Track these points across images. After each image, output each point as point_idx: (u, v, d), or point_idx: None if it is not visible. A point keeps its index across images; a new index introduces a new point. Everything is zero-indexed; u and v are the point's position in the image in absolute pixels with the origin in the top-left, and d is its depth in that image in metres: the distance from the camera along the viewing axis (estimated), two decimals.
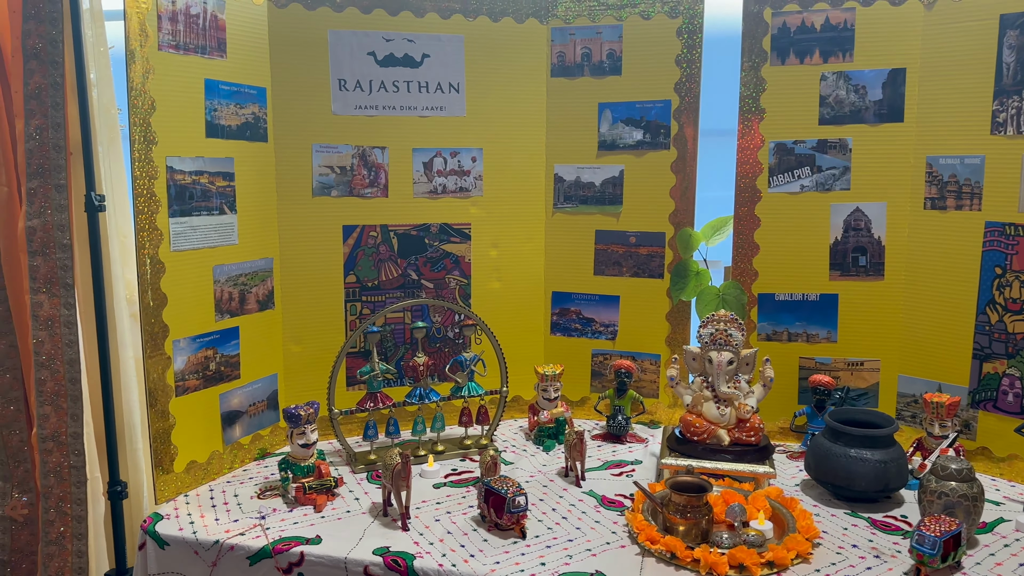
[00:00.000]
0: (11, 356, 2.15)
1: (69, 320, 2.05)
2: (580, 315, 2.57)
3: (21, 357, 2.13)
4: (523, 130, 2.49)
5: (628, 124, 2.44)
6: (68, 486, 2.08)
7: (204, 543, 1.82)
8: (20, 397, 2.15)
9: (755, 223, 2.36)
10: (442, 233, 2.47)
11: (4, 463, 2.17)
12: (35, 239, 2.01)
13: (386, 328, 2.45)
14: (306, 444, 2.03)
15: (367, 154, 2.36)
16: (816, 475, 2.03)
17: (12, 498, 2.17)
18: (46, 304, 2.04)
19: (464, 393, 2.31)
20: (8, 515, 2.17)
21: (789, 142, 2.32)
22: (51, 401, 2.06)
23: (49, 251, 2.02)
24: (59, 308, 2.04)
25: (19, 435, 2.16)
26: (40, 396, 2.05)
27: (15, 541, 2.19)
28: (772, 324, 2.39)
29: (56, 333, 2.05)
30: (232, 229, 2.16)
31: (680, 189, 2.42)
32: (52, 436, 2.06)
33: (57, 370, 2.06)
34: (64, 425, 2.07)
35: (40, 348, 2.04)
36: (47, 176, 1.99)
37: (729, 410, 2.10)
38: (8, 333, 2.15)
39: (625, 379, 2.42)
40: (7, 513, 2.17)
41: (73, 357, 2.07)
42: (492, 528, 1.86)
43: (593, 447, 2.37)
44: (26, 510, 2.17)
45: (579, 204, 2.52)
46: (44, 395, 2.05)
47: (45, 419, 2.06)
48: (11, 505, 2.17)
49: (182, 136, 2.01)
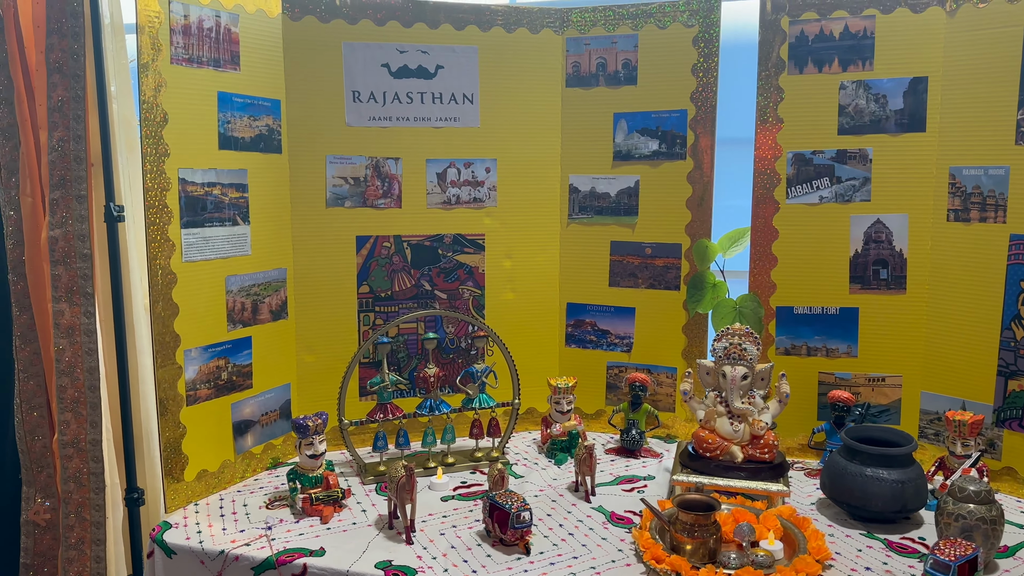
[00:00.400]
0: (35, 363, 2.18)
1: (89, 328, 2.08)
2: (595, 327, 2.54)
3: (44, 364, 2.17)
4: (538, 140, 2.48)
5: (644, 134, 2.41)
6: (87, 492, 2.11)
7: (210, 553, 1.83)
8: (43, 403, 2.19)
9: (773, 235, 2.32)
10: (456, 244, 2.46)
11: (28, 468, 2.20)
12: (57, 249, 2.04)
13: (399, 339, 2.45)
14: (314, 455, 2.03)
15: (381, 165, 2.37)
16: (831, 494, 1.98)
17: (35, 503, 2.20)
18: (67, 313, 2.07)
19: (475, 405, 2.29)
20: (31, 519, 2.20)
21: (807, 152, 2.27)
22: (71, 408, 2.09)
23: (70, 260, 2.05)
24: (79, 317, 2.07)
25: (42, 441, 2.19)
26: (61, 403, 2.08)
27: (38, 545, 2.22)
28: (791, 338, 2.34)
29: (76, 341, 2.08)
30: (245, 240, 2.18)
31: (696, 200, 2.39)
32: (72, 442, 2.09)
33: (77, 377, 2.09)
34: (84, 432, 2.10)
35: (61, 356, 2.07)
36: (68, 187, 2.03)
37: (743, 426, 2.06)
38: (32, 341, 2.18)
39: (640, 392, 2.38)
40: (30, 517, 2.20)
41: (93, 365, 2.10)
42: (496, 543, 1.84)
43: (606, 461, 2.34)
44: (48, 515, 2.20)
45: (594, 215, 2.50)
46: (65, 402, 2.09)
47: (66, 425, 2.09)
48: (34, 510, 2.20)
49: (195, 148, 2.03)
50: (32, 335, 2.18)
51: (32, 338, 2.18)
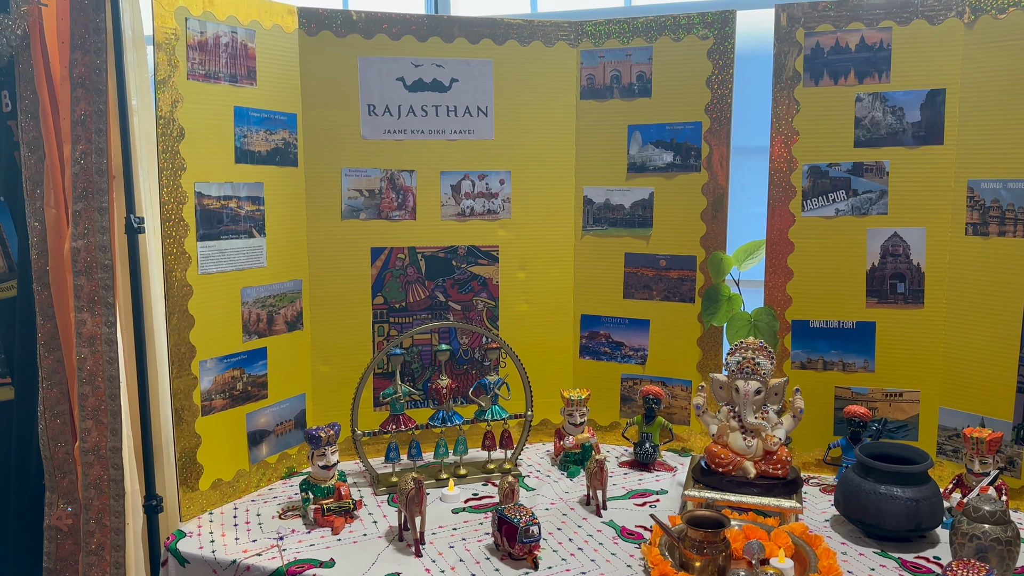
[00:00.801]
0: (58, 371, 2.22)
1: (110, 338, 2.11)
2: (609, 339, 2.54)
3: (67, 372, 2.20)
4: (552, 152, 2.48)
5: (658, 146, 2.41)
6: (107, 499, 2.14)
7: (222, 562, 1.85)
8: (66, 411, 2.22)
9: (788, 247, 2.30)
10: (470, 255, 2.47)
11: (51, 474, 2.23)
12: (79, 259, 2.08)
13: (413, 349, 2.46)
14: (326, 466, 2.05)
15: (395, 177, 2.38)
16: (845, 511, 1.96)
17: (58, 508, 2.23)
18: (89, 322, 2.10)
19: (487, 416, 2.29)
20: (54, 524, 2.24)
21: (823, 165, 2.25)
22: (92, 416, 2.12)
23: (92, 271, 2.08)
24: (101, 326, 2.10)
25: (64, 447, 2.23)
26: (82, 410, 2.11)
27: (60, 550, 2.25)
28: (807, 352, 2.32)
29: (98, 350, 2.11)
30: (261, 252, 2.20)
31: (711, 212, 2.38)
32: (93, 449, 2.12)
33: (98, 386, 2.12)
34: (104, 439, 2.13)
35: (83, 364, 2.11)
36: (91, 199, 2.06)
37: (756, 441, 2.04)
38: (55, 349, 2.22)
39: (654, 405, 2.37)
40: (52, 523, 2.24)
41: (113, 374, 2.12)
42: (505, 557, 1.84)
43: (619, 475, 2.33)
44: (71, 520, 2.23)
45: (608, 226, 2.49)
46: (86, 410, 2.12)
47: (87, 433, 2.12)
48: (56, 515, 2.23)
49: (211, 162, 2.05)
50: (55, 343, 2.21)
51: (55, 346, 2.21)
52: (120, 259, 2.10)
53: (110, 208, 2.07)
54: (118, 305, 2.11)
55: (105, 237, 2.08)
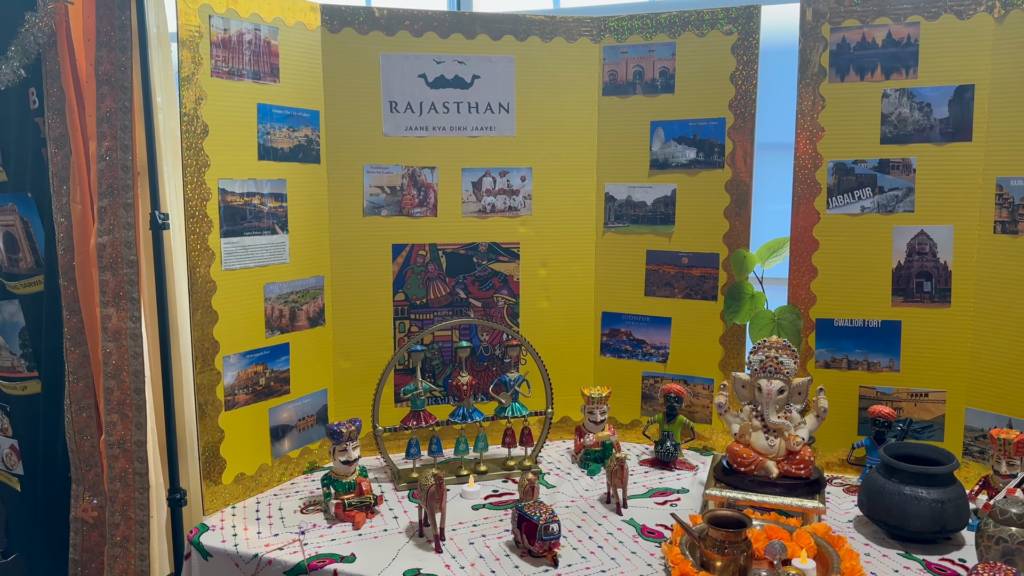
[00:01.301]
0: (84, 365, 2.25)
1: (135, 333, 2.13)
2: (630, 336, 2.52)
3: (92, 367, 2.23)
4: (573, 149, 2.47)
5: (681, 142, 2.39)
6: (132, 491, 2.16)
7: (244, 556, 1.86)
8: (92, 404, 2.26)
9: (813, 245, 2.27)
10: (491, 252, 2.46)
11: (77, 467, 2.27)
12: (105, 255, 2.10)
13: (434, 346, 2.46)
14: (347, 461, 2.05)
15: (417, 174, 2.38)
16: (869, 512, 1.94)
17: (84, 500, 2.27)
18: (114, 317, 2.13)
19: (507, 414, 2.29)
20: (79, 516, 2.27)
21: (849, 162, 2.22)
22: (117, 409, 2.14)
23: (117, 266, 2.11)
24: (126, 321, 2.13)
25: (90, 441, 2.26)
26: (108, 404, 2.14)
27: (86, 541, 2.29)
28: (831, 351, 2.29)
29: (123, 345, 2.14)
30: (283, 248, 2.21)
31: (735, 209, 2.35)
32: (118, 443, 2.15)
33: (123, 380, 2.15)
34: (129, 433, 2.15)
35: (108, 359, 2.13)
36: (116, 195, 2.08)
37: (778, 441, 2.02)
38: (81, 344, 2.25)
39: (675, 404, 2.35)
40: (78, 515, 2.27)
41: (138, 368, 2.14)
42: (525, 554, 1.84)
43: (640, 473, 2.32)
44: (96, 512, 2.26)
45: (630, 223, 2.48)
46: (111, 403, 2.14)
47: (112, 426, 2.15)
48: (82, 507, 2.27)
49: (234, 159, 2.06)
50: (81, 338, 2.25)
51: (81, 341, 2.25)
52: (145, 255, 2.13)
53: (135, 204, 2.09)
54: (143, 300, 2.13)
55: (130, 233, 2.10)
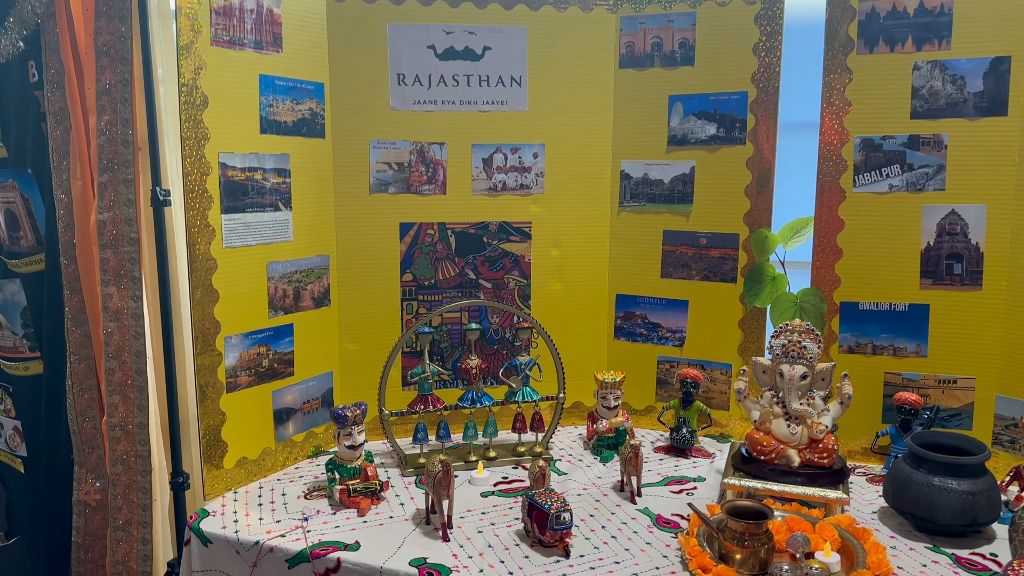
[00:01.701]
0: (85, 346, 2.21)
1: (136, 312, 2.08)
2: (645, 319, 2.45)
3: (94, 347, 2.19)
4: (588, 124, 2.39)
5: (701, 118, 2.30)
6: (134, 475, 2.12)
7: (245, 543, 1.81)
8: (94, 385, 2.22)
9: (838, 225, 2.19)
10: (501, 232, 2.40)
11: (79, 449, 2.23)
12: (105, 232, 2.05)
13: (442, 328, 2.40)
14: (352, 446, 2.00)
15: (425, 150, 2.31)
16: (895, 504, 1.86)
17: (86, 483, 2.23)
18: (115, 296, 2.08)
19: (518, 398, 2.23)
20: (82, 499, 2.24)
21: (877, 138, 2.13)
22: (119, 391, 2.10)
23: (118, 244, 2.06)
24: (127, 300, 2.08)
25: (92, 422, 2.22)
26: (109, 385, 2.10)
27: (89, 524, 2.26)
28: (855, 335, 2.21)
29: (124, 325, 2.09)
30: (287, 226, 2.15)
31: (756, 187, 2.27)
32: (120, 425, 2.11)
33: (125, 361, 2.10)
34: (131, 415, 2.11)
35: (109, 339, 2.09)
36: (116, 171, 2.03)
37: (800, 428, 1.94)
38: (83, 323, 2.20)
39: (691, 389, 2.29)
40: (81, 497, 2.24)
41: (140, 349, 2.10)
42: (535, 544, 1.77)
43: (654, 460, 2.25)
44: (99, 495, 2.23)
45: (646, 202, 2.40)
46: (113, 385, 2.10)
47: (114, 408, 2.11)
48: (85, 490, 2.23)
49: (235, 132, 2.00)
50: (83, 317, 2.20)
51: (83, 320, 2.20)
52: (146, 232, 2.07)
53: (136, 180, 2.04)
54: (144, 279, 2.08)
55: (131, 210, 2.05)
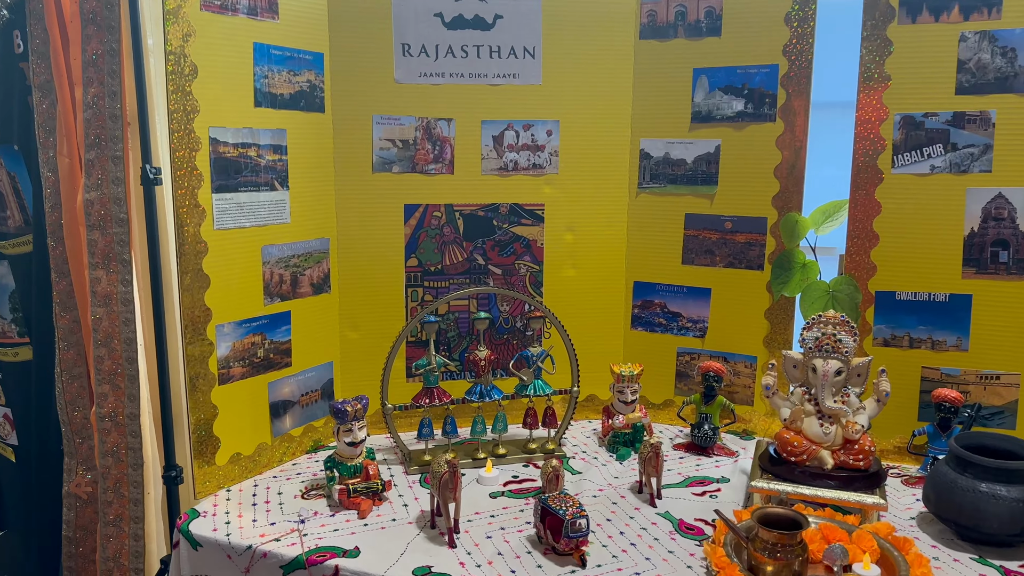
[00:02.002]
0: (74, 332, 2.13)
1: (126, 297, 2.00)
2: (665, 308, 2.33)
3: (83, 333, 2.11)
4: (606, 100, 2.26)
5: (727, 92, 2.17)
6: (125, 468, 2.05)
7: (237, 547, 1.69)
8: (83, 373, 2.15)
9: (875, 209, 2.05)
10: (512, 214, 2.28)
11: (69, 439, 2.16)
12: (93, 212, 1.96)
13: (449, 317, 2.28)
14: (353, 442, 1.89)
15: (432, 126, 2.19)
16: (937, 510, 1.73)
17: (77, 475, 2.17)
18: (104, 280, 2.00)
19: (529, 392, 2.11)
20: (73, 492, 2.17)
21: (918, 115, 1.99)
22: (108, 380, 2.02)
23: (106, 225, 1.97)
24: (116, 285, 2.00)
25: (82, 412, 2.15)
26: (99, 374, 2.02)
27: (80, 518, 2.19)
28: (891, 327, 2.08)
29: (113, 311, 2.01)
30: (284, 207, 2.03)
31: (786, 168, 2.13)
32: (110, 415, 2.03)
33: (114, 348, 2.02)
34: (121, 405, 2.03)
35: (98, 325, 2.00)
36: (104, 147, 1.94)
37: (834, 428, 1.81)
38: (72, 308, 2.13)
39: (714, 383, 2.16)
40: (72, 490, 2.17)
41: (130, 336, 2.02)
42: (548, 552, 1.65)
43: (674, 459, 2.12)
44: (90, 488, 2.16)
45: (667, 184, 2.27)
46: (102, 373, 2.02)
47: (103, 398, 2.03)
48: (76, 482, 2.16)
49: (227, 105, 1.88)
50: (71, 302, 2.13)
51: (71, 305, 2.13)
52: (136, 213, 1.98)
53: (125, 157, 1.94)
54: (135, 262, 1.99)
55: (120, 189, 1.96)
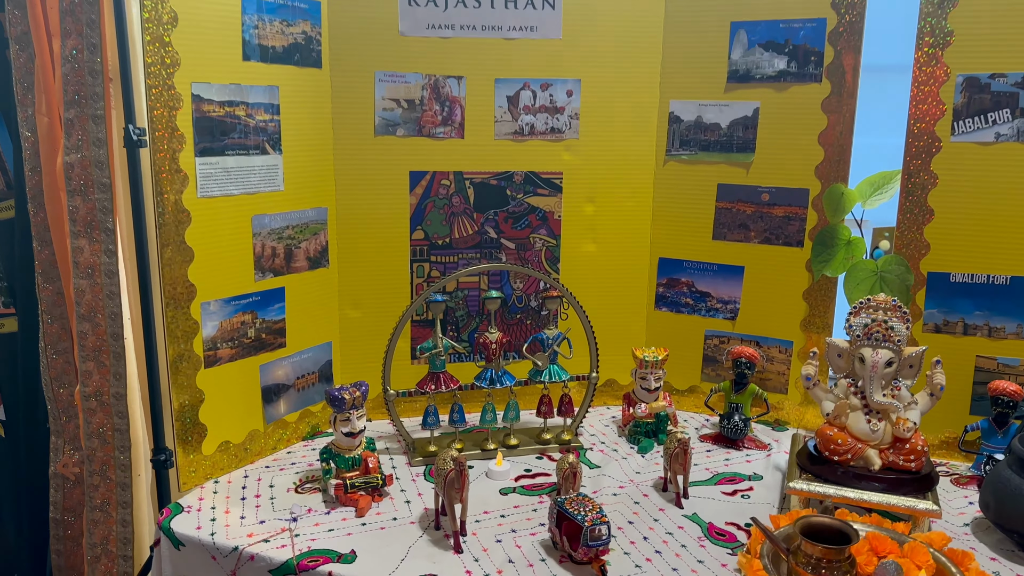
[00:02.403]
0: (58, 304, 2.02)
1: (110, 269, 1.87)
2: (693, 288, 2.18)
3: (67, 306, 1.99)
4: (632, 57, 2.10)
5: (768, 49, 2.00)
6: (111, 450, 1.93)
7: (222, 548, 1.55)
8: (68, 348, 2.03)
9: (931, 181, 1.89)
10: (528, 183, 2.13)
11: (56, 417, 2.06)
12: (74, 177, 1.83)
13: (458, 295, 2.13)
14: (351, 432, 1.74)
15: (440, 85, 2.03)
16: (996, 518, 1.57)
17: (64, 454, 2.06)
18: (87, 250, 1.86)
19: (544, 378, 1.96)
20: (60, 472, 2.07)
21: (984, 76, 1.81)
22: (93, 357, 1.90)
23: (88, 191, 1.84)
24: (100, 255, 1.87)
25: (68, 389, 2.05)
26: (82, 351, 1.90)
27: (67, 500, 2.10)
28: (943, 312, 1.92)
29: (97, 283, 1.88)
30: (276, 172, 1.87)
31: (833, 134, 1.96)
32: (95, 395, 1.92)
33: (99, 323, 1.90)
34: (107, 384, 1.92)
35: (81, 298, 1.88)
36: (84, 105, 1.80)
37: (883, 425, 1.64)
38: (55, 279, 2.01)
39: (746, 370, 2.01)
40: (59, 470, 2.07)
41: (115, 310, 1.89)
42: (564, 559, 1.50)
43: (701, 451, 1.97)
44: (78, 468, 2.06)
45: (699, 151, 2.12)
46: (86, 350, 1.90)
47: (88, 376, 1.91)
48: (63, 462, 2.07)
49: (212, 58, 1.73)
50: (54, 272, 2.01)
51: (54, 276, 2.01)
52: (121, 177, 1.85)
53: (107, 117, 1.80)
54: (119, 231, 1.86)
55: (102, 151, 1.81)
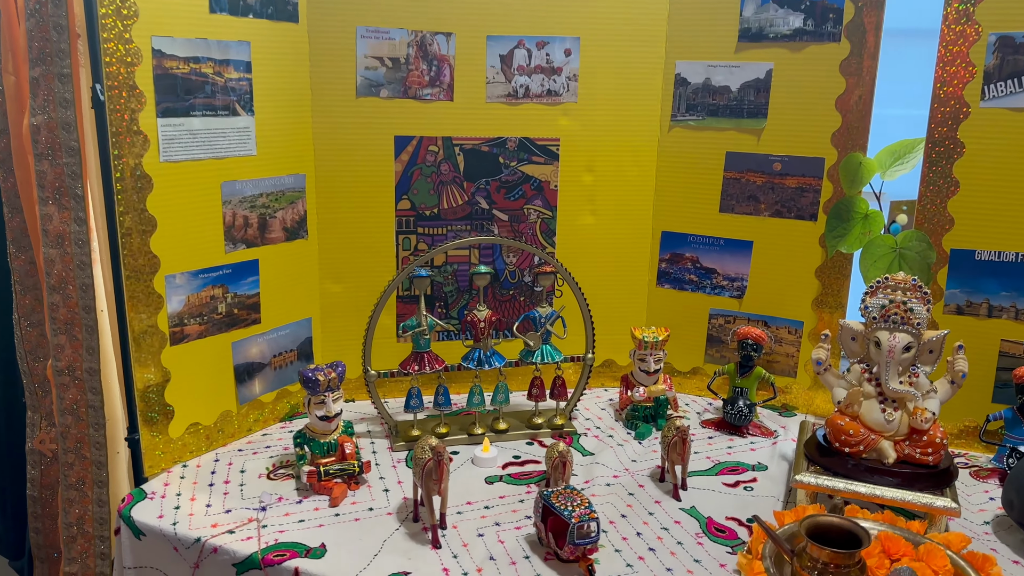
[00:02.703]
0: (31, 274, 1.94)
1: (80, 238, 1.77)
2: (697, 264, 2.09)
3: (39, 276, 1.90)
4: (636, 12, 1.99)
5: (783, 5, 1.89)
6: (86, 427, 1.86)
7: (184, 540, 1.46)
8: (42, 320, 1.95)
9: (957, 150, 1.77)
10: (522, 150, 2.03)
11: (32, 392, 1.99)
12: (40, 140, 1.73)
13: (446, 268, 2.02)
14: (326, 416, 1.65)
15: (427, 42, 1.92)
16: (1021, 518, 1.49)
17: (41, 430, 2.00)
18: (56, 218, 1.77)
19: (536, 359, 1.87)
20: (36, 448, 2.01)
21: (1019, 35, 1.68)
22: (65, 330, 1.82)
23: (56, 154, 1.74)
24: (69, 223, 1.77)
25: (43, 363, 1.97)
26: (54, 323, 1.82)
27: (44, 477, 2.04)
28: (967, 292, 1.82)
29: (67, 252, 1.78)
30: (248, 136, 1.77)
31: (851, 99, 1.85)
32: (68, 370, 1.83)
33: (70, 295, 1.81)
34: (79, 358, 1.83)
35: (51, 268, 1.79)
36: (49, 63, 1.68)
37: (899, 414, 1.52)
38: (27, 248, 1.93)
39: (752, 352, 1.91)
40: (35, 446, 2.01)
41: (87, 281, 1.80)
42: (550, 557, 1.40)
43: (703, 438, 1.87)
44: (55, 444, 1.99)
45: (707, 116, 2.01)
46: (57, 322, 1.82)
47: (60, 350, 1.83)
48: (39, 438, 2.01)
49: (175, 9, 1.62)
50: (25, 241, 1.93)
51: (26, 245, 1.93)
52: (91, 141, 1.74)
53: (74, 75, 1.69)
54: (89, 198, 1.76)
55: (69, 112, 1.71)
